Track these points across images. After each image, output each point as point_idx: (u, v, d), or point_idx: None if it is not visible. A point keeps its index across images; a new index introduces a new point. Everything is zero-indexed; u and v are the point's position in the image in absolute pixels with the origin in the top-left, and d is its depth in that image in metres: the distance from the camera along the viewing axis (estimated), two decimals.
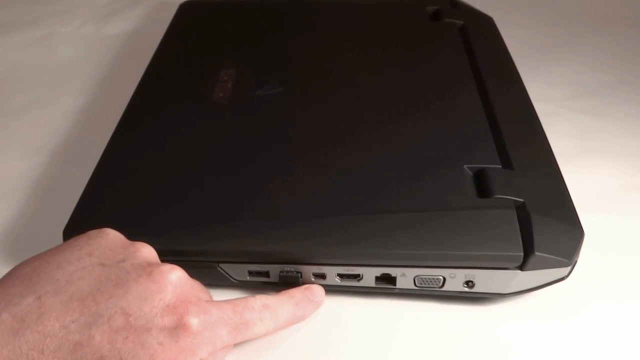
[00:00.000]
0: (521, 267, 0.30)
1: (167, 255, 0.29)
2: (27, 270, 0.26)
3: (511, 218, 0.31)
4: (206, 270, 0.32)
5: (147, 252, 0.28)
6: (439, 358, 0.30)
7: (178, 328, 0.25)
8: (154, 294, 0.25)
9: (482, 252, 0.30)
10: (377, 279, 0.32)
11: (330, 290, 0.33)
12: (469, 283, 0.31)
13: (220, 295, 0.33)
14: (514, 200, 0.32)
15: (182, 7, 0.55)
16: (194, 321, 0.25)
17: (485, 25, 0.51)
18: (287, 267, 0.32)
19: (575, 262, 0.31)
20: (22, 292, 0.24)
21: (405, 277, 0.31)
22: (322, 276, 0.32)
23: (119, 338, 0.24)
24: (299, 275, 0.32)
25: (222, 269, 0.32)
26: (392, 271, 0.31)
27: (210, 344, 0.26)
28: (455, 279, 0.31)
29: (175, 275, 0.26)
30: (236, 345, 0.30)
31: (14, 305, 0.24)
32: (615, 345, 0.31)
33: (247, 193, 0.33)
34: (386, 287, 0.32)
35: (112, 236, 0.28)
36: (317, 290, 0.32)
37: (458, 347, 0.31)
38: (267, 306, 0.28)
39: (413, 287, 0.32)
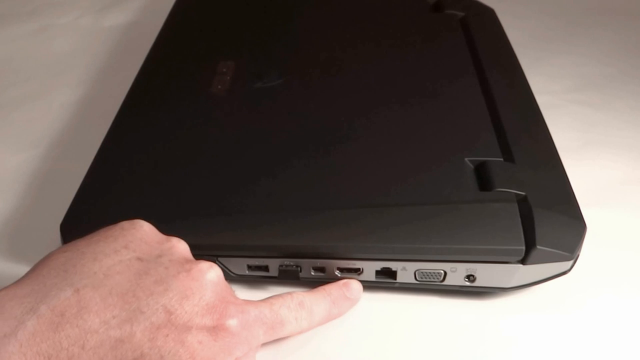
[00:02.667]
0: (523, 261, 0.30)
1: None
2: (60, 260, 0.25)
3: (513, 211, 0.31)
4: None
5: (182, 247, 0.27)
6: (440, 353, 0.30)
7: (217, 327, 0.25)
8: (194, 292, 0.25)
9: (483, 245, 0.30)
10: (378, 273, 0.32)
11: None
12: (470, 277, 0.31)
13: None
14: (516, 193, 0.31)
15: None
16: (233, 321, 0.25)
17: (486, 17, 0.51)
18: (287, 261, 0.32)
19: (578, 256, 0.31)
20: (59, 284, 0.23)
21: (405, 271, 0.31)
22: (322, 270, 0.32)
23: (159, 335, 0.23)
24: (299, 269, 0.32)
25: (221, 263, 0.32)
26: (393, 265, 0.31)
27: (247, 343, 0.26)
28: (456, 273, 0.31)
29: (214, 273, 0.26)
30: None
31: (51, 298, 0.23)
32: (618, 339, 0.31)
33: (246, 186, 0.33)
34: (386, 281, 0.32)
35: (145, 228, 0.27)
36: (355, 286, 0.31)
37: (459, 341, 0.30)
38: (302, 304, 0.28)
39: (414, 281, 0.32)
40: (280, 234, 0.31)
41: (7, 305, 0.22)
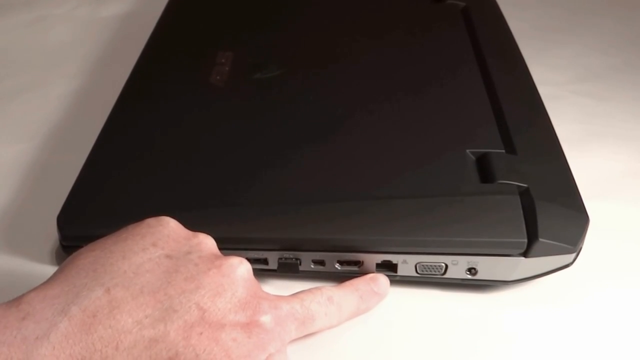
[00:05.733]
0: (525, 254, 0.30)
1: None
2: (89, 259, 0.24)
3: (515, 204, 0.30)
4: None
5: (210, 243, 0.27)
6: (441, 346, 0.30)
7: (251, 324, 0.24)
8: (226, 289, 0.25)
9: (485, 238, 0.29)
10: (378, 265, 0.31)
11: (330, 277, 0.32)
12: (472, 270, 0.31)
13: None
14: (518, 185, 0.31)
15: None
16: (266, 317, 0.25)
17: (488, 7, 0.50)
18: (286, 254, 0.31)
19: (580, 248, 0.31)
20: (88, 284, 0.23)
21: (406, 264, 0.31)
22: (322, 263, 0.32)
23: (193, 334, 0.23)
24: (298, 262, 0.31)
25: None
26: (393, 258, 0.31)
27: (279, 339, 0.25)
28: (457, 266, 0.31)
29: (245, 268, 0.26)
30: None
31: (82, 298, 0.22)
32: (621, 333, 0.30)
33: (244, 178, 0.33)
34: (387, 274, 0.32)
35: (172, 225, 0.27)
36: (382, 281, 0.31)
37: (460, 335, 0.30)
38: (331, 299, 0.28)
39: (415, 274, 0.31)
40: (279, 226, 0.31)
41: (37, 307, 0.22)
